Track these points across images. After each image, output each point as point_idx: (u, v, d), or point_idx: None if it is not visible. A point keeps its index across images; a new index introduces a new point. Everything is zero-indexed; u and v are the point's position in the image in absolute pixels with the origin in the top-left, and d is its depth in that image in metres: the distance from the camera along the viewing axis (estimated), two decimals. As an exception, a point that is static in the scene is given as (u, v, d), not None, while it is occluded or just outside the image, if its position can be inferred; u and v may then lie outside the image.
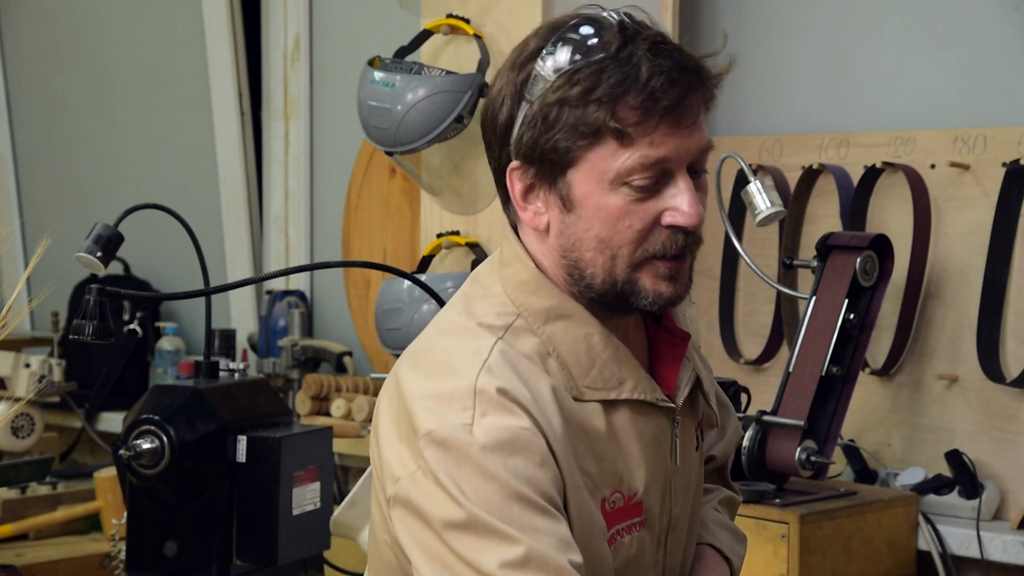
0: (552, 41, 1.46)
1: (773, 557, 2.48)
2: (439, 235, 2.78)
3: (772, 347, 3.00)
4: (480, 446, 1.40)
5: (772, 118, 3.09)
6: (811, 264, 2.70)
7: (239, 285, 2.33)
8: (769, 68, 3.10)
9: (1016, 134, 2.72)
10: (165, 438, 2.19)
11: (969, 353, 2.73)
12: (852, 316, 2.62)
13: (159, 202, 2.42)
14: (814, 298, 2.65)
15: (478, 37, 2.68)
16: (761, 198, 2.61)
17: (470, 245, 2.74)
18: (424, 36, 2.78)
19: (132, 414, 2.25)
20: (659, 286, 1.48)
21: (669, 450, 1.58)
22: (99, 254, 2.22)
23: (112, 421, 3.88)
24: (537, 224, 1.49)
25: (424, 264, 2.80)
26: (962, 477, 2.69)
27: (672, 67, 1.43)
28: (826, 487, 2.66)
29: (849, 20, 3.03)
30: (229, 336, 3.53)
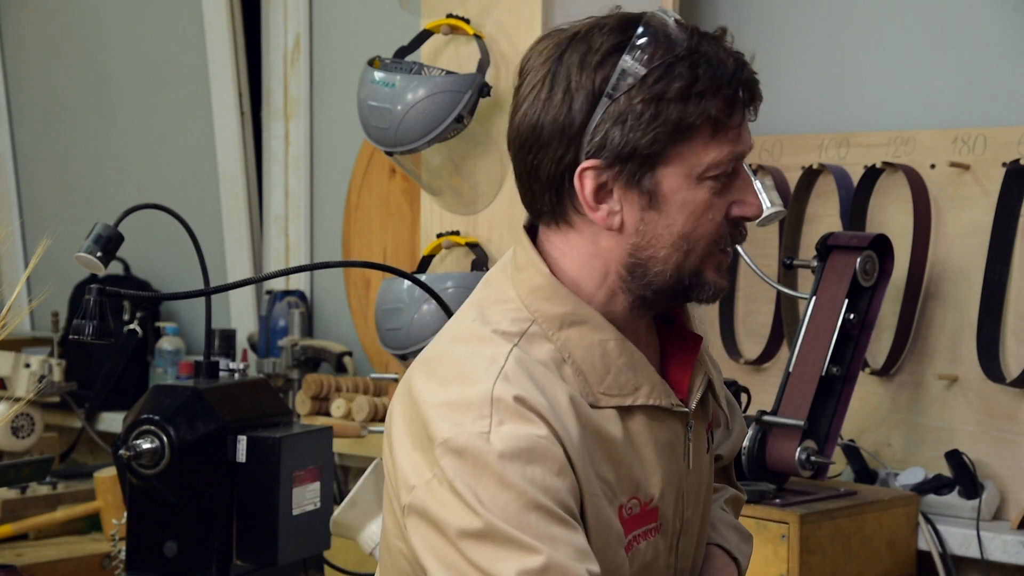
0: (634, 38, 1.44)
1: (773, 557, 2.48)
2: (439, 235, 2.78)
3: (772, 347, 3.00)
4: (498, 454, 1.39)
5: (772, 118, 3.09)
6: (811, 264, 2.70)
7: (239, 285, 2.33)
8: (769, 68, 3.09)
9: (1016, 134, 2.72)
10: (165, 438, 2.19)
11: (969, 353, 2.73)
12: (852, 316, 2.62)
13: (159, 202, 2.42)
14: (814, 298, 2.65)
15: (478, 37, 2.68)
16: (761, 198, 2.61)
17: (470, 245, 2.74)
18: (424, 36, 2.78)
19: (132, 414, 2.25)
20: (719, 278, 1.50)
21: (682, 454, 1.58)
22: (99, 254, 2.22)
23: (112, 421, 3.88)
24: (610, 224, 1.47)
25: (424, 264, 2.80)
26: (962, 477, 2.69)
27: (743, 62, 1.46)
28: (826, 487, 2.66)
29: (849, 20, 3.03)
30: (229, 336, 3.53)
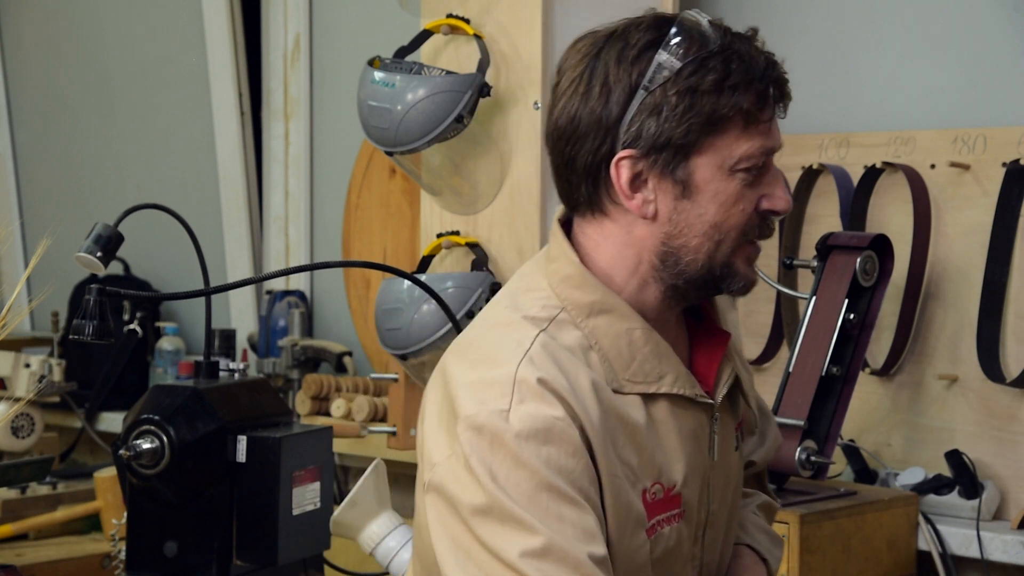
0: (669, 35, 1.50)
1: (773, 557, 2.48)
2: (439, 235, 2.78)
3: (772, 347, 3.00)
4: (515, 433, 1.44)
5: (772, 118, 3.09)
6: (811, 264, 2.70)
7: (239, 285, 2.33)
8: (769, 68, 3.10)
9: (1016, 134, 2.72)
10: (165, 438, 2.19)
11: (969, 353, 2.73)
12: (852, 316, 2.61)
13: (159, 202, 2.42)
14: (814, 298, 2.65)
15: (478, 37, 2.68)
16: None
17: (470, 245, 2.74)
18: (424, 36, 2.78)
19: (132, 414, 2.25)
20: (748, 270, 1.55)
21: (707, 445, 1.61)
22: (99, 254, 2.22)
23: (112, 421, 3.88)
24: (644, 212, 1.52)
25: (424, 264, 2.80)
26: (962, 477, 2.69)
27: (774, 61, 1.54)
28: (826, 487, 2.66)
29: (849, 20, 3.03)
30: (229, 336, 3.53)
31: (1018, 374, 2.65)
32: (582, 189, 1.54)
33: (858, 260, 2.61)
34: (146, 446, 2.19)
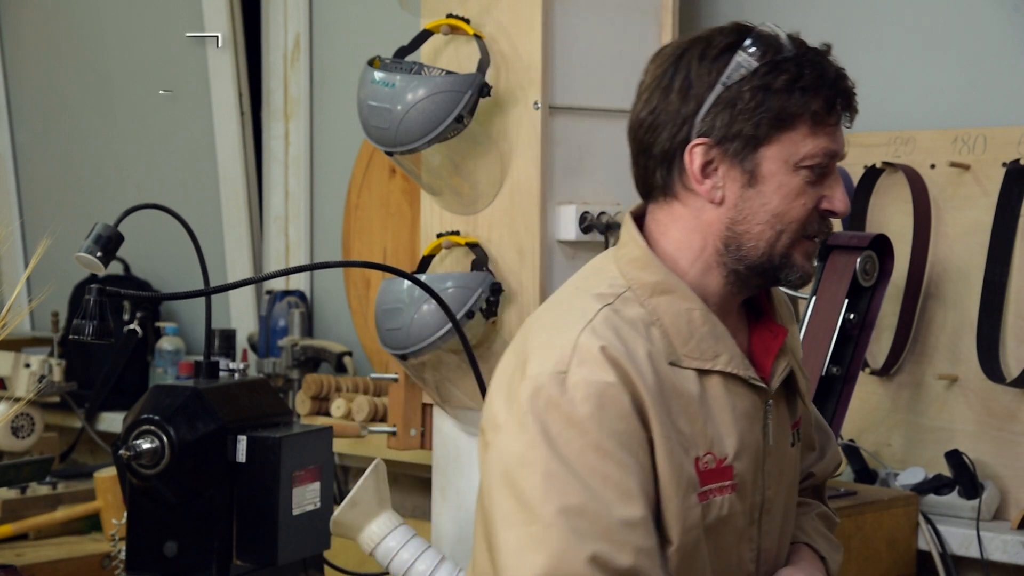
0: (748, 39, 1.64)
1: (773, 557, 2.47)
2: (439, 235, 2.78)
3: (772, 347, 3.00)
4: (570, 394, 1.56)
5: (772, 118, 3.09)
6: (811, 264, 2.70)
7: (239, 285, 2.33)
8: (769, 68, 3.09)
9: (1016, 134, 2.72)
10: (165, 438, 2.19)
11: (969, 353, 2.73)
12: (852, 316, 2.62)
13: (159, 202, 2.42)
14: (814, 298, 2.65)
15: (478, 37, 2.68)
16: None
17: (470, 245, 2.74)
18: (424, 36, 2.78)
19: (132, 414, 2.25)
20: (806, 264, 1.68)
21: (761, 427, 1.72)
22: (99, 254, 2.22)
23: (112, 421, 3.88)
24: (713, 197, 1.65)
25: (424, 264, 2.79)
26: (962, 477, 2.69)
27: (844, 74, 1.69)
28: (826, 487, 2.66)
29: (849, 20, 3.03)
30: (229, 336, 3.53)
31: (1018, 374, 2.65)
32: (657, 175, 1.68)
33: (858, 260, 2.61)
34: (146, 446, 2.19)
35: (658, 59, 1.69)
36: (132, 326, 3.93)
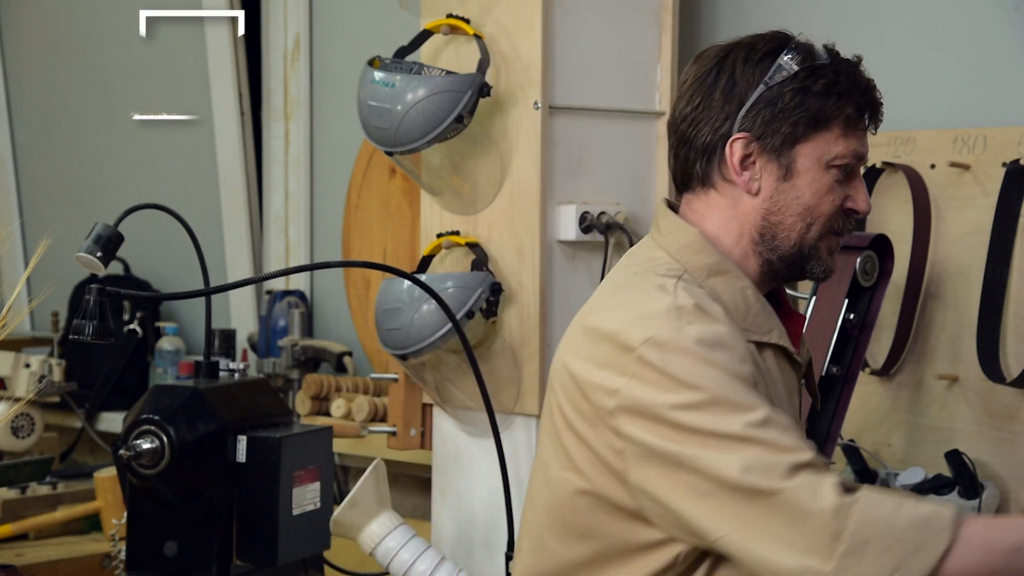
0: (789, 46, 1.78)
1: (773, 557, 2.47)
2: (439, 235, 2.78)
3: (772, 347, 3.00)
4: (695, 341, 1.64)
5: (772, 118, 3.09)
6: (811, 264, 2.70)
7: (239, 285, 2.33)
8: (769, 68, 3.09)
9: (1016, 134, 2.72)
10: (165, 438, 2.19)
11: (969, 353, 2.73)
12: (852, 316, 2.61)
13: (159, 202, 2.42)
14: (814, 298, 2.65)
15: (478, 37, 2.68)
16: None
17: (470, 245, 2.74)
18: (424, 36, 2.78)
19: (132, 414, 2.25)
20: (829, 258, 1.81)
21: (799, 405, 1.86)
22: (99, 254, 2.22)
23: (112, 421, 3.88)
24: (750, 188, 1.77)
25: (424, 264, 2.80)
26: (962, 477, 2.68)
27: (874, 85, 1.80)
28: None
29: (849, 20, 3.03)
30: (229, 336, 3.53)
31: (1018, 374, 2.65)
32: (697, 166, 1.79)
33: (858, 260, 2.61)
34: (146, 446, 2.19)
35: (700, 60, 1.80)
36: (132, 326, 3.93)
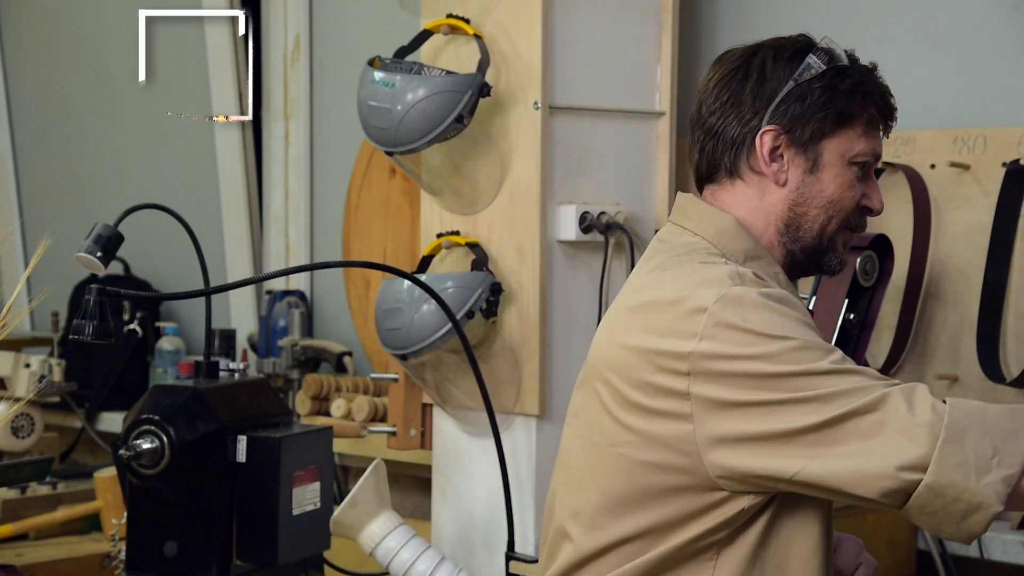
0: (817, 47, 1.85)
1: (773, 557, 2.47)
2: (439, 235, 2.78)
3: (772, 347, 2.99)
4: (765, 295, 1.70)
5: (772, 118, 3.09)
6: (811, 264, 2.70)
7: (239, 285, 2.33)
8: (769, 68, 3.09)
9: (1016, 134, 2.72)
10: (165, 438, 2.19)
11: (969, 353, 2.73)
12: (852, 316, 2.61)
13: (159, 202, 2.42)
14: (814, 298, 2.65)
15: (478, 37, 2.68)
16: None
17: (470, 245, 2.74)
18: (424, 36, 2.78)
19: (132, 414, 2.25)
20: (844, 252, 1.87)
21: None
22: (99, 254, 2.22)
23: (112, 421, 3.88)
24: (778, 179, 1.83)
25: (424, 264, 2.80)
26: (962, 477, 2.68)
27: (890, 91, 1.89)
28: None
29: (849, 20, 3.03)
30: (229, 336, 3.53)
31: (1018, 374, 2.65)
32: (725, 157, 1.85)
33: (858, 260, 2.61)
34: (146, 446, 2.19)
35: (724, 61, 1.87)
36: (132, 326, 3.93)
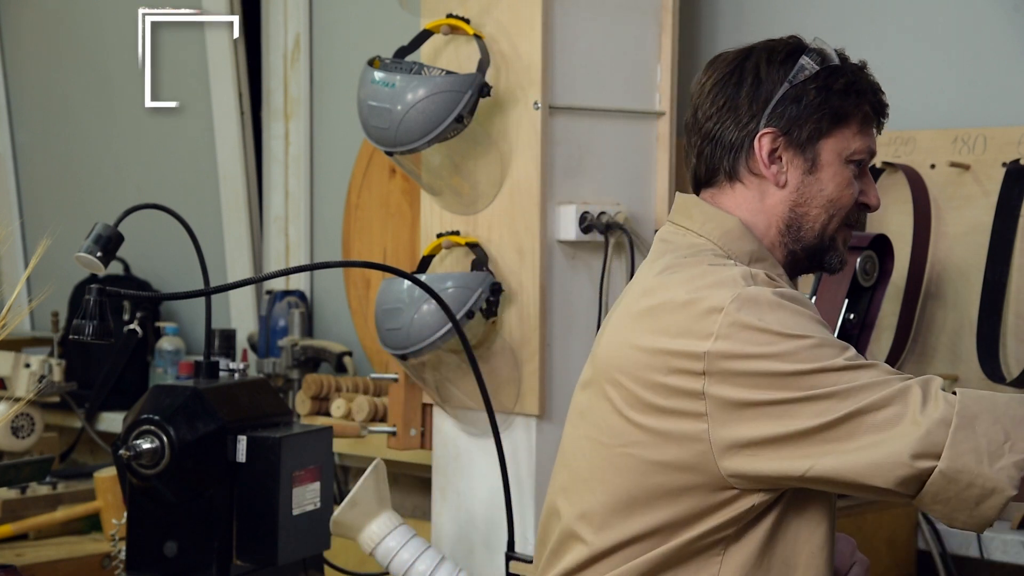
0: (809, 48, 1.85)
1: (773, 557, 2.47)
2: (439, 235, 2.78)
3: (772, 347, 2.99)
4: (779, 295, 1.70)
5: (772, 118, 3.09)
6: (811, 264, 2.70)
7: (239, 285, 2.33)
8: (769, 68, 3.09)
9: (1016, 134, 2.72)
10: (165, 438, 2.19)
11: (969, 353, 2.73)
12: (852, 316, 2.61)
13: (159, 202, 2.42)
14: (814, 298, 2.65)
15: (478, 37, 2.68)
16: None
17: (470, 245, 2.74)
18: (424, 36, 2.78)
19: (132, 414, 2.25)
20: (844, 251, 1.88)
21: None
22: (99, 254, 2.22)
23: (112, 421, 3.88)
24: (778, 180, 1.84)
25: (424, 264, 2.79)
26: (962, 477, 2.68)
27: (881, 89, 1.89)
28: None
29: (849, 20, 3.03)
30: (229, 336, 3.52)
31: (1018, 374, 2.65)
32: (724, 161, 1.85)
33: (858, 260, 2.61)
34: (146, 446, 2.19)
35: (717, 65, 1.87)
36: (132, 326, 3.93)
